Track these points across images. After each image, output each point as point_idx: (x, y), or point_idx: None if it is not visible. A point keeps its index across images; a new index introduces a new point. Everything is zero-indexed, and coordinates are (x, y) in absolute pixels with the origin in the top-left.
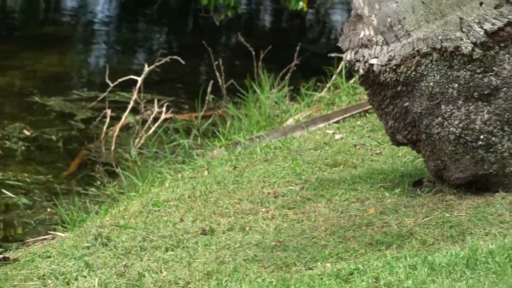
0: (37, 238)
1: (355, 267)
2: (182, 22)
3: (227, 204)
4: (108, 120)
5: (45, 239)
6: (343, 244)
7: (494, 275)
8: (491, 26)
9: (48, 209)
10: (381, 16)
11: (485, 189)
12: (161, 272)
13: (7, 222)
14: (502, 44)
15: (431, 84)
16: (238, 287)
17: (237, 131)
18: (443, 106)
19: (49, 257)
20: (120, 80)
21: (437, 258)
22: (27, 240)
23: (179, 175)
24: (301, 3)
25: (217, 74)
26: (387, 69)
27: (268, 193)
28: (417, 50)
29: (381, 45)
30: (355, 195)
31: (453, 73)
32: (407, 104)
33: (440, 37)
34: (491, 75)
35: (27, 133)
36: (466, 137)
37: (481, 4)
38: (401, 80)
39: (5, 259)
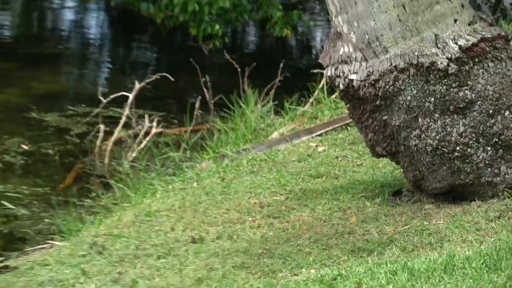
0: (36, 247)
1: (338, 273)
2: (172, 44)
3: (216, 213)
4: (101, 134)
5: (43, 248)
6: (326, 251)
7: (471, 280)
8: (465, 42)
9: (46, 220)
10: (359, 33)
11: (462, 198)
12: (154, 278)
13: (7, 232)
14: (476, 59)
15: (409, 98)
16: None
17: (224, 144)
18: (420, 119)
19: (48, 265)
20: (112, 96)
21: (416, 264)
22: (27, 249)
23: (170, 187)
24: (285, 30)
25: (205, 90)
26: (366, 84)
27: (255, 203)
28: (395, 66)
29: (360, 61)
30: (337, 204)
31: (429, 88)
32: (385, 117)
33: (416, 53)
34: (466, 89)
35: (25, 147)
36: (443, 149)
37: (455, 21)
38: (380, 94)
39: (6, 267)
